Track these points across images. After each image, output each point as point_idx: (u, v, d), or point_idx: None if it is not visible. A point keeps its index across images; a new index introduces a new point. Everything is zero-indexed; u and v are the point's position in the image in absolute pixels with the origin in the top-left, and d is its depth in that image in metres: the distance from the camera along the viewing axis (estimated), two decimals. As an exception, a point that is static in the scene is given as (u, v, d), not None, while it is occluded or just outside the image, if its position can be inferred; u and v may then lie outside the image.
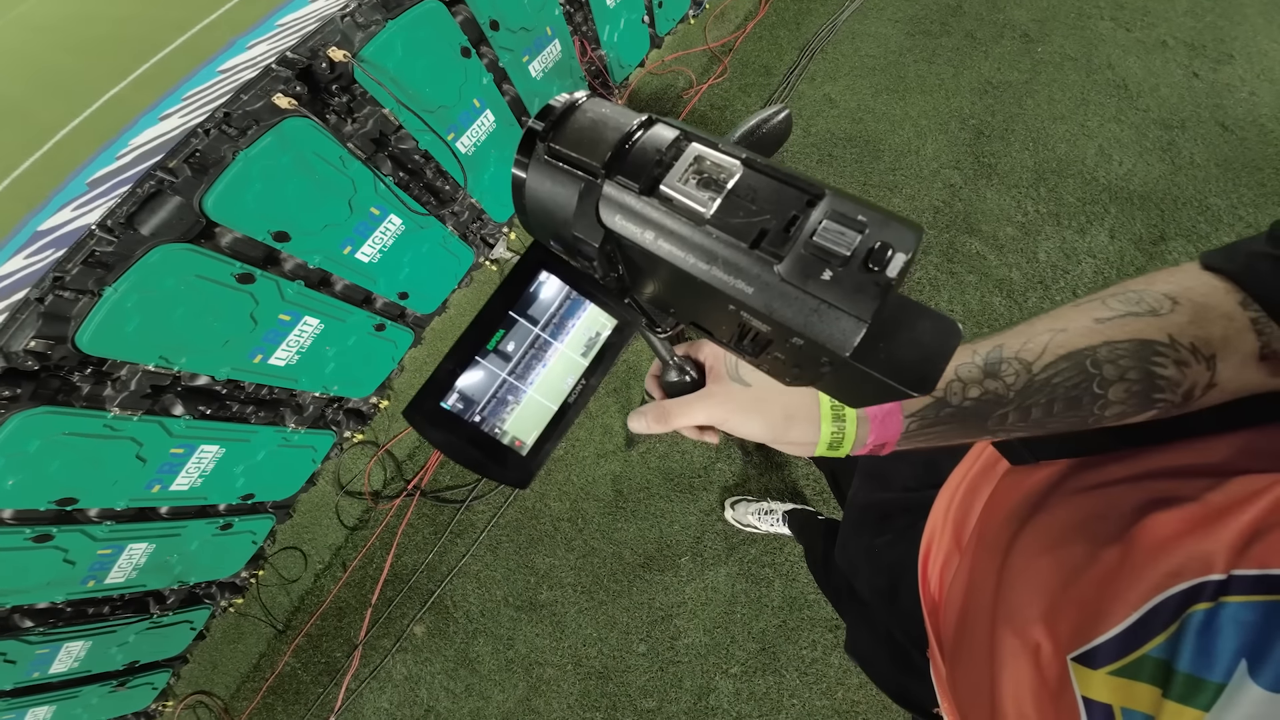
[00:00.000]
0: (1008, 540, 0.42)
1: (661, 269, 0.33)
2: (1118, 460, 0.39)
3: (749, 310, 0.29)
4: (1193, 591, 0.28)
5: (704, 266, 0.29)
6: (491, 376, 0.37)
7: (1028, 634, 0.37)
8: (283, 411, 1.62)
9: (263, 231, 1.27)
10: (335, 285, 1.54)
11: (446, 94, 1.45)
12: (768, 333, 0.31)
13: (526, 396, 0.38)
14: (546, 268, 0.39)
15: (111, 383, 1.23)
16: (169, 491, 1.45)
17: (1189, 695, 0.27)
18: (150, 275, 1.12)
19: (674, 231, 0.30)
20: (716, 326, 0.37)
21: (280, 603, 1.83)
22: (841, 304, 0.27)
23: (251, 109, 1.11)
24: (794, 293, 0.28)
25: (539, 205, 0.36)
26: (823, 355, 0.29)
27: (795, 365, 0.33)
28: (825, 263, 0.27)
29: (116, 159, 1.69)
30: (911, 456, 0.65)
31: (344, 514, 1.85)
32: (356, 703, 1.69)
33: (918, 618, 0.53)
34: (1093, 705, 0.31)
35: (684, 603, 1.58)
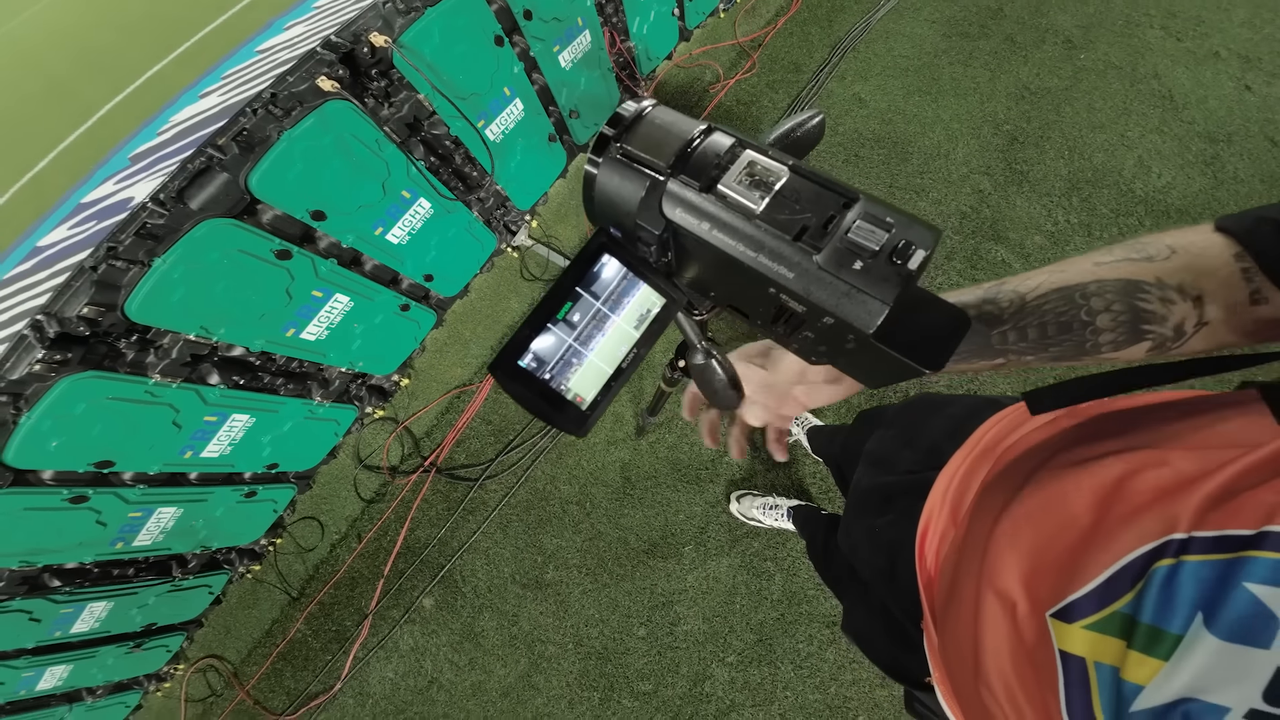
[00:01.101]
0: (999, 510, 0.45)
1: (712, 255, 0.39)
2: (1107, 438, 0.42)
3: (788, 292, 0.35)
4: (1158, 550, 0.31)
5: (751, 254, 0.35)
6: (560, 342, 0.43)
7: (1007, 595, 0.39)
8: (310, 385, 1.68)
9: (301, 210, 1.31)
10: (365, 265, 1.59)
11: (479, 81, 1.49)
12: (802, 313, 0.36)
13: (587, 360, 0.44)
14: (608, 251, 0.45)
15: (154, 350, 1.28)
16: (200, 458, 1.51)
17: (1150, 645, 0.29)
18: (197, 248, 1.17)
19: (728, 224, 0.36)
20: (753, 308, 0.43)
21: (296, 571, 1.89)
22: (869, 289, 0.32)
23: (297, 90, 1.16)
24: (829, 279, 0.33)
25: (606, 197, 0.42)
26: (849, 333, 0.34)
27: (822, 344, 0.39)
28: (857, 255, 0.33)
29: (158, 135, 1.75)
30: (916, 443, 0.68)
31: (362, 487, 1.91)
32: (363, 671, 1.75)
33: (913, 592, 0.55)
34: (1069, 658, 0.33)
35: (685, 590, 1.62)
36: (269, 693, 1.79)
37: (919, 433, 0.69)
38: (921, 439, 0.68)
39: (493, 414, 1.91)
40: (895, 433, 0.75)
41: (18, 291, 1.52)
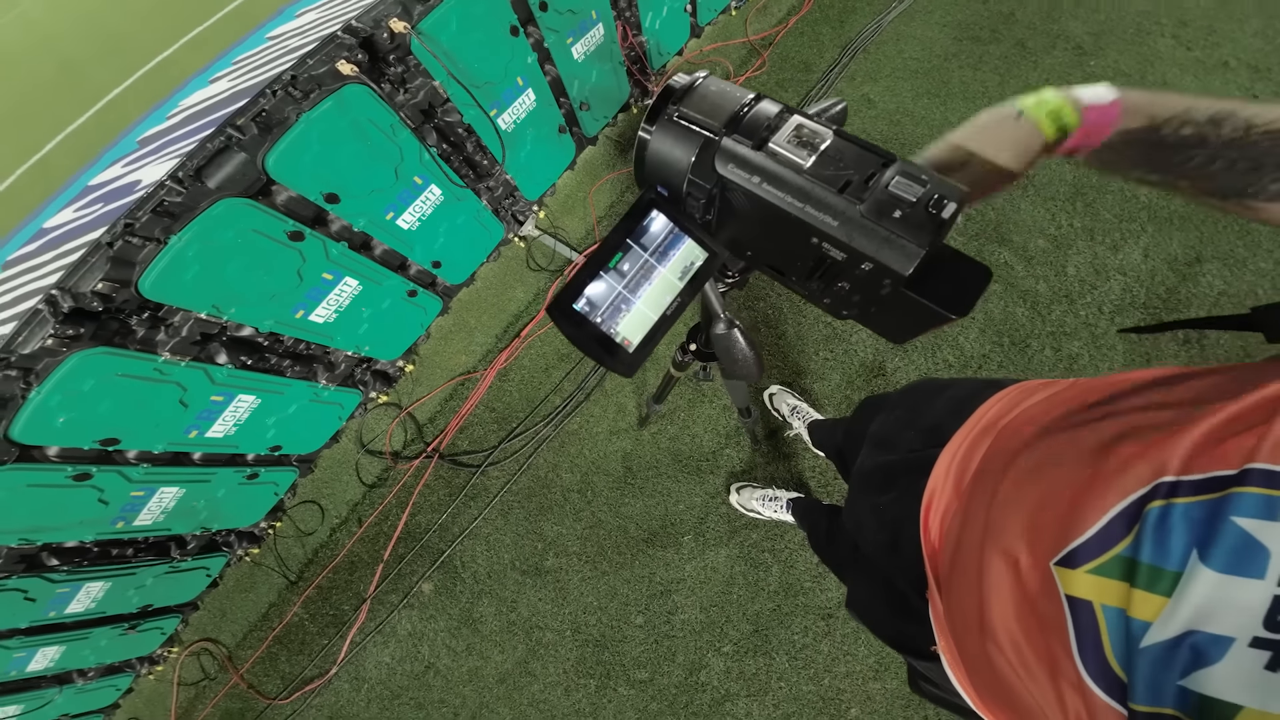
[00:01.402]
0: (1000, 475, 0.47)
1: (757, 209, 0.42)
2: (1099, 402, 0.45)
3: (831, 240, 0.39)
4: (1149, 494, 0.33)
5: (799, 204, 0.39)
6: (610, 289, 0.47)
7: (1010, 552, 0.41)
8: (316, 367, 1.69)
9: (315, 192, 1.32)
10: (375, 249, 1.60)
11: (493, 71, 1.50)
12: (841, 261, 0.40)
13: (635, 307, 0.48)
14: (657, 207, 0.49)
15: (165, 328, 1.29)
16: (205, 438, 1.51)
17: (1152, 583, 0.31)
18: (212, 227, 1.18)
19: (778, 177, 0.40)
20: (791, 263, 0.46)
21: (295, 554, 1.90)
22: (907, 235, 0.36)
23: (316, 73, 1.17)
24: (870, 226, 0.37)
25: (659, 159, 0.47)
26: (885, 278, 0.38)
27: (856, 293, 0.42)
28: (896, 205, 0.36)
29: (167, 119, 1.75)
30: (919, 423, 0.70)
31: (363, 471, 1.92)
32: (359, 655, 1.76)
33: (918, 564, 0.57)
34: (1076, 602, 0.35)
35: (683, 580, 1.64)
36: (263, 677, 1.80)
37: (921, 414, 0.72)
38: (924, 419, 0.70)
39: (496, 401, 1.92)
40: (898, 415, 0.77)
41: (23, 273, 1.52)
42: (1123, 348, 1.64)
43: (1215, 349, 1.60)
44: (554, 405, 1.88)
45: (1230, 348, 1.59)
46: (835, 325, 1.79)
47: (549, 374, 1.92)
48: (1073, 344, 1.66)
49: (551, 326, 1.96)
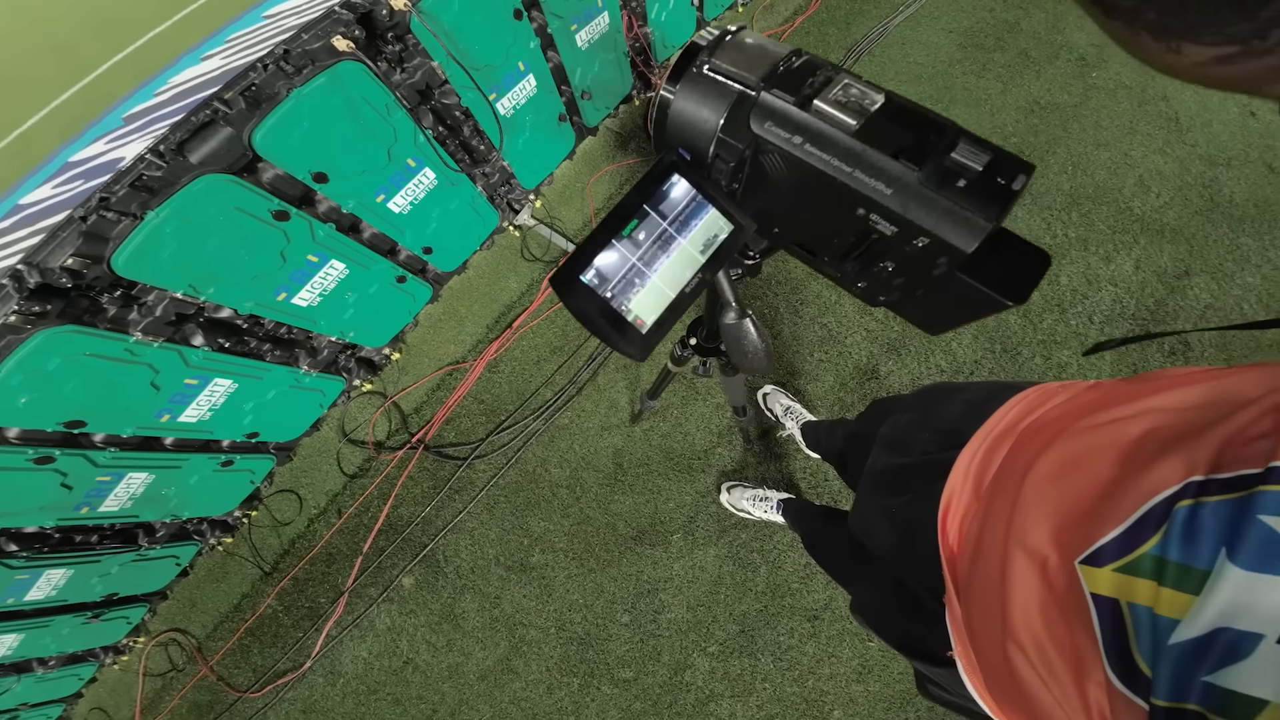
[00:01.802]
0: (1021, 478, 0.47)
1: (796, 175, 0.38)
2: (1124, 402, 0.44)
3: (881, 210, 0.34)
4: (1179, 493, 0.33)
5: (847, 169, 0.34)
6: (623, 259, 0.42)
7: (1036, 551, 0.41)
8: (298, 353, 1.63)
9: (303, 171, 1.27)
10: (364, 232, 1.55)
11: (494, 54, 1.45)
12: (889, 236, 0.35)
13: (650, 282, 0.43)
14: (678, 171, 0.43)
15: (138, 307, 1.23)
16: (177, 422, 1.45)
17: (1181, 582, 0.31)
18: (192, 203, 1.12)
19: (824, 137, 0.35)
20: (826, 240, 0.42)
21: (270, 545, 1.84)
22: (972, 207, 0.32)
23: (310, 48, 1.12)
24: (930, 195, 0.32)
25: (683, 118, 0.42)
26: (940, 257, 0.34)
27: (900, 276, 0.38)
28: (960, 174, 0.32)
29: (154, 96, 1.67)
30: (933, 425, 0.69)
31: (345, 461, 1.87)
32: (335, 650, 1.72)
33: (933, 567, 0.56)
34: (1100, 600, 0.35)
35: (671, 579, 1.63)
36: (234, 669, 1.74)
37: (935, 416, 0.70)
38: (939, 421, 0.69)
39: (485, 393, 1.88)
40: (910, 417, 0.76)
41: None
42: (1110, 358, 1.66)
43: (1199, 361, 1.63)
44: (545, 399, 1.84)
45: (1214, 360, 1.63)
46: (830, 327, 1.79)
47: (540, 367, 1.88)
48: (1062, 352, 1.68)
49: (545, 318, 1.93)
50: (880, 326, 1.77)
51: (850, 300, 1.81)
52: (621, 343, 0.42)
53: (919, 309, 0.42)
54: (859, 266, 0.41)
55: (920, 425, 0.72)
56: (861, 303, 1.76)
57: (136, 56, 1.41)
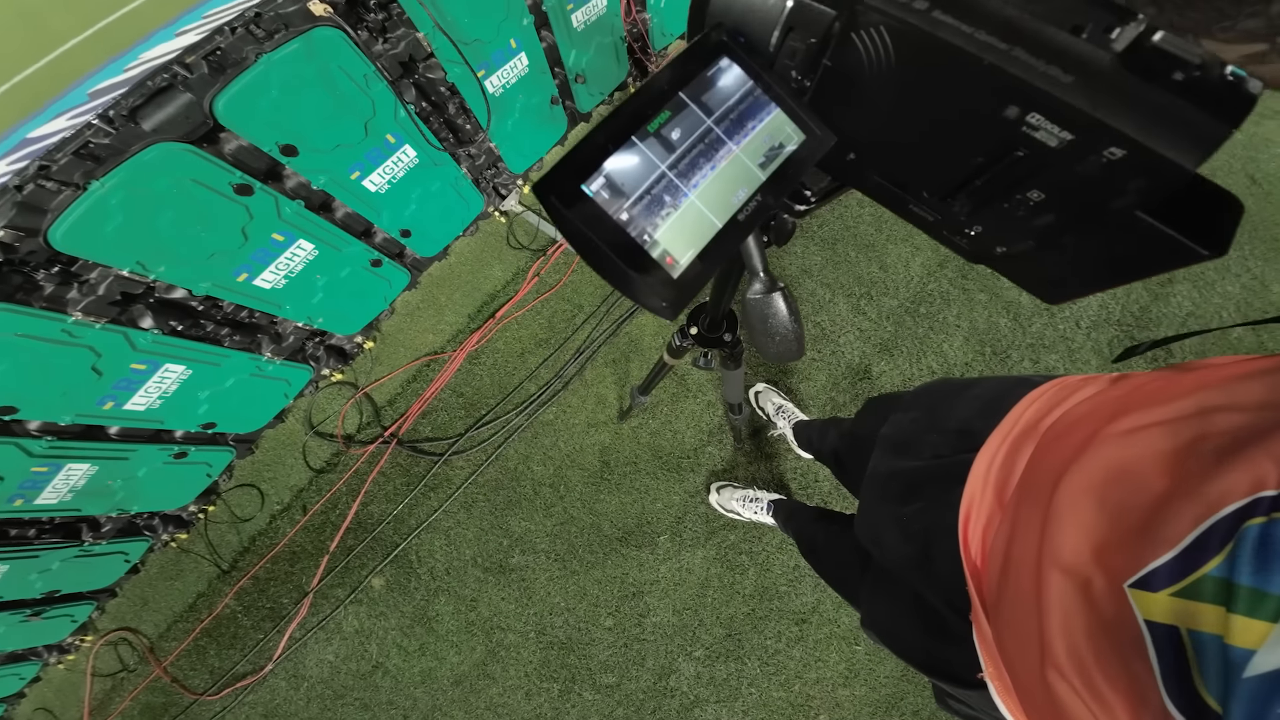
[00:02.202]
0: (1051, 488, 0.43)
1: (910, 61, 0.27)
2: (1162, 400, 0.40)
3: (1052, 107, 0.24)
4: (1246, 509, 0.29)
5: (1002, 45, 0.24)
6: (648, 166, 0.30)
7: (1078, 571, 0.37)
8: (260, 339, 1.52)
9: (270, 142, 1.16)
10: (336, 211, 1.44)
11: (485, 28, 1.36)
12: (1053, 149, 0.25)
13: (687, 201, 0.30)
14: (728, 54, 0.32)
15: (79, 285, 1.11)
16: (123, 410, 1.34)
17: (1254, 608, 0.28)
18: (142, 173, 1.01)
19: (966, 1, 0.24)
20: (934, 167, 0.30)
21: (229, 542, 1.73)
22: (1198, 108, 0.23)
23: (284, 12, 1.01)
24: (1136, 87, 0.23)
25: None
26: (1134, 180, 0.24)
27: (1053, 211, 0.28)
28: (1173, 66, 0.23)
29: (124, 71, 1.54)
30: (942, 426, 0.65)
31: (311, 455, 1.76)
32: (299, 652, 1.63)
33: (956, 582, 0.52)
34: (1156, 627, 0.31)
35: (657, 581, 1.59)
36: (189, 671, 1.64)
37: (942, 415, 0.66)
38: (948, 421, 0.64)
39: (464, 386, 1.79)
40: (914, 417, 0.71)
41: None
42: (1096, 363, 1.68)
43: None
44: (529, 393, 1.77)
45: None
46: (824, 325, 1.76)
47: (525, 359, 1.80)
48: (1050, 356, 1.69)
49: (531, 309, 1.85)
50: (873, 326, 1.75)
51: (844, 299, 1.79)
52: (642, 288, 0.29)
53: (1051, 264, 0.31)
54: (977, 203, 0.30)
55: (927, 426, 0.68)
56: (853, 306, 1.77)
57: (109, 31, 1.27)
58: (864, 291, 1.79)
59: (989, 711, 0.52)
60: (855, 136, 0.33)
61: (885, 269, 1.81)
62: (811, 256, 1.83)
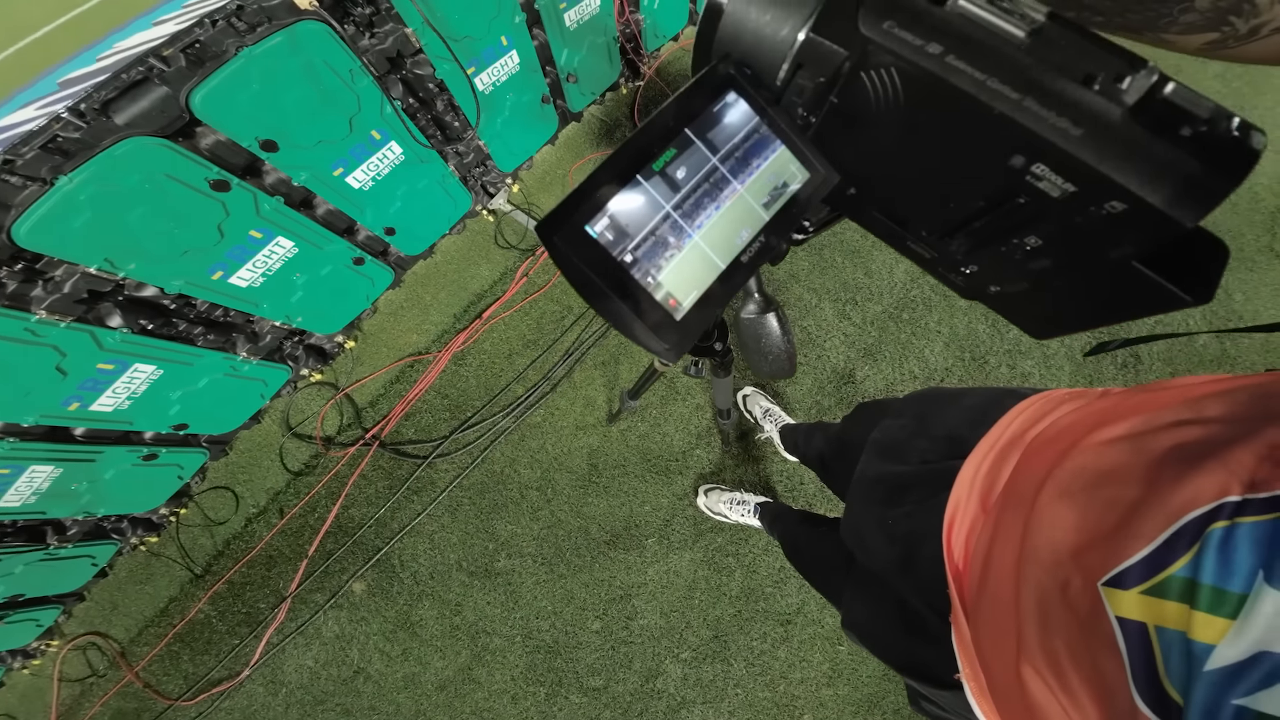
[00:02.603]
0: (1033, 494, 0.45)
1: (919, 104, 0.27)
2: (1141, 412, 0.42)
3: (1058, 159, 0.24)
4: (1212, 513, 0.31)
5: (1013, 95, 0.24)
6: (653, 206, 0.29)
7: (1056, 570, 0.39)
8: (235, 338, 1.47)
9: (250, 138, 1.12)
10: (317, 209, 1.40)
11: (475, 25, 1.33)
12: (1055, 199, 0.25)
13: (691, 243, 0.30)
14: (735, 88, 0.31)
15: (43, 282, 1.06)
16: (89, 411, 1.28)
17: (1216, 605, 0.29)
18: (114, 168, 0.97)
19: (978, 47, 0.24)
20: (934, 206, 0.31)
21: (202, 545, 1.68)
22: (1202, 165, 0.23)
23: (267, 5, 0.97)
24: (1144, 142, 0.23)
25: (745, 18, 0.30)
26: (1132, 232, 0.25)
27: (1050, 257, 0.28)
28: (1182, 120, 0.23)
29: (97, 60, 1.46)
30: (932, 432, 0.66)
31: (288, 457, 1.71)
32: (277, 658, 1.59)
33: (938, 585, 0.53)
34: (1127, 624, 0.33)
35: (645, 584, 1.59)
36: (163, 676, 1.59)
37: (932, 423, 0.68)
38: (937, 428, 0.66)
39: (450, 387, 1.76)
40: (905, 422, 0.73)
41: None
42: (1069, 369, 1.74)
43: (1149, 371, 1.73)
44: (516, 395, 1.75)
45: (1160, 371, 1.73)
46: (810, 330, 1.78)
47: (512, 361, 1.78)
48: (1026, 362, 1.74)
49: (519, 309, 1.82)
50: (857, 331, 1.78)
51: (830, 304, 1.81)
52: (643, 330, 0.29)
53: (1042, 304, 0.32)
54: (974, 244, 0.31)
55: (916, 432, 0.69)
56: (838, 311, 1.79)
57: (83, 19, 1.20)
58: (849, 297, 1.81)
59: (962, 713, 0.54)
60: (857, 172, 0.33)
61: (870, 275, 1.84)
62: (799, 262, 1.85)
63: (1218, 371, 1.68)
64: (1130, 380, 1.73)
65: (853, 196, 0.35)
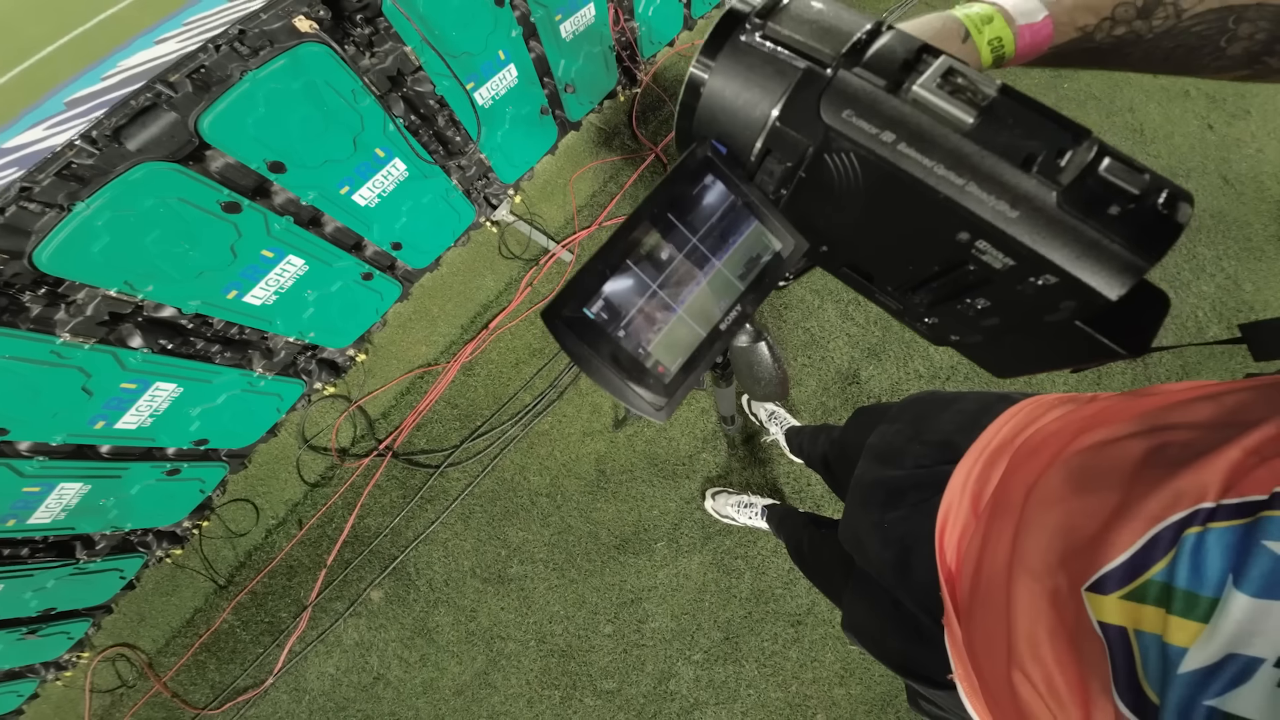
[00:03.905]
0: (1022, 500, 0.45)
1: (876, 183, 0.30)
2: (1123, 418, 0.43)
3: (996, 238, 0.27)
4: (1188, 519, 0.32)
5: (957, 180, 0.26)
6: (641, 286, 0.33)
7: (1045, 578, 0.40)
8: (251, 354, 1.51)
9: (258, 160, 1.16)
10: (326, 226, 1.44)
11: (473, 41, 1.36)
12: (998, 270, 0.28)
13: (676, 317, 0.33)
14: (713, 171, 0.34)
15: (66, 306, 1.10)
16: (114, 429, 1.33)
17: (1189, 609, 0.30)
18: (128, 193, 1.01)
19: (927, 136, 0.27)
20: (895, 268, 0.34)
21: (224, 557, 1.73)
22: (1128, 243, 0.25)
23: (269, 29, 1.00)
24: (1072, 223, 0.25)
25: (722, 101, 0.32)
26: (1065, 300, 0.27)
27: (996, 316, 0.31)
28: (1112, 198, 0.25)
29: (101, 80, 1.51)
30: (926, 437, 0.67)
31: (305, 469, 1.75)
32: (299, 666, 1.63)
33: (932, 588, 0.54)
34: (1108, 628, 0.34)
35: (655, 587, 1.60)
36: (190, 686, 1.64)
37: (926, 427, 0.68)
38: (931, 433, 0.67)
39: (459, 397, 1.79)
40: (900, 428, 0.74)
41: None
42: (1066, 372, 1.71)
43: (1158, 365, 1.70)
44: (523, 404, 1.77)
45: (1170, 366, 1.70)
46: (813, 331, 1.78)
47: (519, 369, 1.81)
48: (1034, 360, 1.72)
49: (525, 319, 1.85)
50: (861, 331, 1.77)
51: (832, 305, 1.81)
52: (639, 395, 0.33)
53: (999, 352, 0.36)
54: (933, 300, 0.34)
55: (911, 437, 0.70)
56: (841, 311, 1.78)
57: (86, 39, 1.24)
58: (852, 297, 1.81)
59: (957, 712, 0.55)
60: (827, 236, 0.37)
61: (874, 273, 1.83)
62: (802, 261, 1.85)
63: (1229, 366, 1.65)
64: (1138, 376, 1.70)
65: (825, 253, 0.38)
